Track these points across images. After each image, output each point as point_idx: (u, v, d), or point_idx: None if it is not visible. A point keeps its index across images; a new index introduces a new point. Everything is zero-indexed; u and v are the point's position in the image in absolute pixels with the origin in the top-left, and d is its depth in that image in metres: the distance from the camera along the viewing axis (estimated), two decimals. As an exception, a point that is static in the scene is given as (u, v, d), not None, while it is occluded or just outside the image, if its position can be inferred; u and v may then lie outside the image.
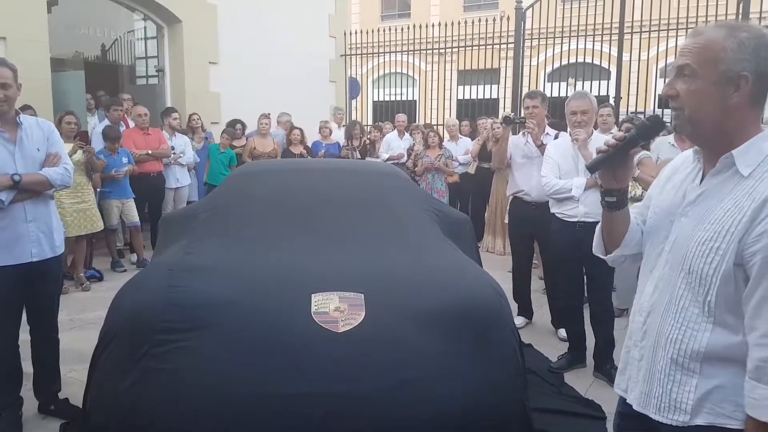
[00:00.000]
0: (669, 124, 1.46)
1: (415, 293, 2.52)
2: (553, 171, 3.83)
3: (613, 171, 1.51)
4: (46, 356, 3.18)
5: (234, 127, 7.87)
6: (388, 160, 7.79)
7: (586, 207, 3.66)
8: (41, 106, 6.20)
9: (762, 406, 1.23)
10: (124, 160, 6.27)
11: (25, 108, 5.74)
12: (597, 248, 1.68)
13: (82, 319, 4.63)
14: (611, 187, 1.53)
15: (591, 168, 1.54)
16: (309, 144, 8.17)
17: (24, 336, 3.10)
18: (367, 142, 8.41)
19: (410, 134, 8.52)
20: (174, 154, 6.99)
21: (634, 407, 1.49)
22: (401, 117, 8.73)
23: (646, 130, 1.46)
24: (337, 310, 2.37)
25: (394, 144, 8.32)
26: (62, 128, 5.48)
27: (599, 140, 3.73)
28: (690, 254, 1.34)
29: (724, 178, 1.35)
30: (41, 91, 6.54)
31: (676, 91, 1.37)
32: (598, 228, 1.67)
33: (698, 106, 1.34)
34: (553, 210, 3.88)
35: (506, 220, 5.38)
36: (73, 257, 5.72)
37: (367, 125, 9.67)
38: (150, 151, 6.69)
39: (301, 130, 7.92)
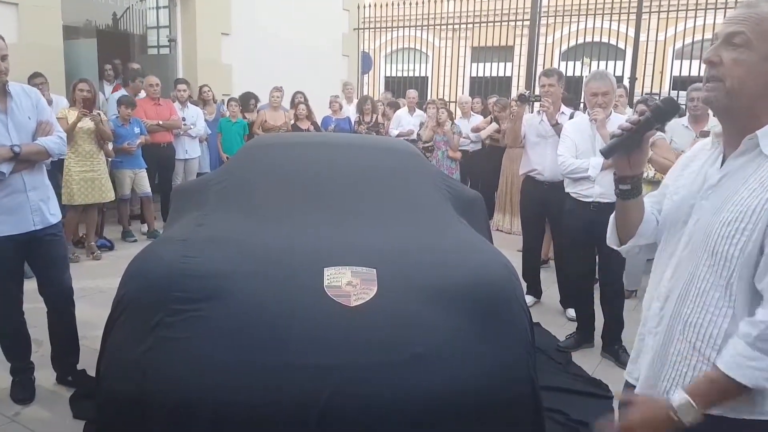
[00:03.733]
0: (683, 107, 1.42)
1: (427, 269, 2.51)
2: (570, 150, 3.80)
3: (628, 156, 1.44)
4: (64, 329, 3.20)
5: (248, 102, 7.80)
6: (398, 136, 7.74)
7: (602, 187, 3.63)
8: (53, 74, 6.18)
9: (736, 363, 1.23)
10: (137, 130, 6.26)
11: (36, 75, 5.73)
12: (611, 239, 1.62)
13: (93, 288, 4.66)
14: (625, 173, 1.46)
15: (606, 153, 1.47)
16: (318, 119, 8.11)
17: (39, 305, 3.12)
18: (379, 119, 8.32)
19: (425, 110, 8.46)
20: (185, 125, 6.97)
21: (637, 390, 1.47)
22: (412, 93, 8.64)
23: (661, 113, 1.40)
24: (349, 284, 2.37)
25: (404, 120, 8.26)
26: (75, 96, 5.45)
27: (617, 120, 3.69)
28: (714, 236, 1.30)
29: (748, 160, 1.31)
30: (53, 59, 6.53)
31: (720, 59, 1.30)
32: (612, 218, 1.60)
33: (743, 78, 1.28)
34: (568, 189, 3.85)
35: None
36: (85, 226, 5.75)
37: (379, 100, 9.57)
38: (161, 122, 6.67)
39: (307, 105, 7.87)
